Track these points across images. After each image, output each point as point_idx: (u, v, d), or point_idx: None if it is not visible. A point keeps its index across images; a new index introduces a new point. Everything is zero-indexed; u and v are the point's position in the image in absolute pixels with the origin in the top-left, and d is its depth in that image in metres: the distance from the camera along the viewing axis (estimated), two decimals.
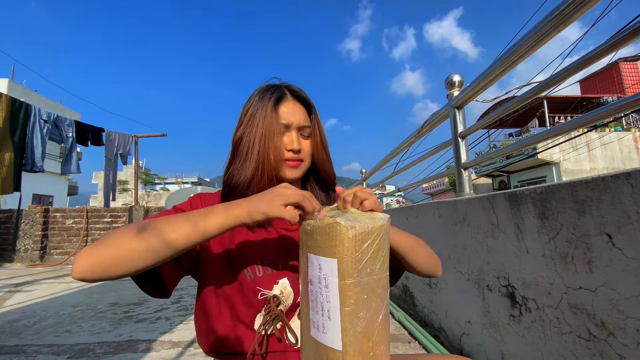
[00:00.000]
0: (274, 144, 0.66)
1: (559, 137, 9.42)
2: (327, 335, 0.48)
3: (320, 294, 0.49)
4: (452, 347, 1.63)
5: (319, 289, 0.49)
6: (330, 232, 0.47)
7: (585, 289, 0.87)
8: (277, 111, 0.67)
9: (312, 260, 0.50)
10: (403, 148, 3.11)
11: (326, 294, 0.48)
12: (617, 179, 0.78)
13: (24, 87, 16.00)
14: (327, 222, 0.48)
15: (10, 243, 5.52)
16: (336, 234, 0.47)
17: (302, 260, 0.54)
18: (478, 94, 1.74)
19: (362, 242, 0.47)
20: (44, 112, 4.59)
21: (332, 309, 0.47)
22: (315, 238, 0.50)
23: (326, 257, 0.48)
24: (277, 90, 0.70)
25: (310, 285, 0.50)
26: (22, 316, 2.46)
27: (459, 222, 1.59)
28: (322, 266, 0.48)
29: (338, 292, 0.47)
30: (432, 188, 24.63)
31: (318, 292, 0.49)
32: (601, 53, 0.97)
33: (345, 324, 0.46)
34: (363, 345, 0.47)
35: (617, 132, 13.04)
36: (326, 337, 0.48)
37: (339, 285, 0.46)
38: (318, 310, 0.49)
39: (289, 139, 0.68)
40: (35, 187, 15.50)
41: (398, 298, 2.63)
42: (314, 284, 0.50)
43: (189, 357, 1.70)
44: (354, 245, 0.47)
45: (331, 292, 0.47)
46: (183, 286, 3.47)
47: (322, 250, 0.48)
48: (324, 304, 0.48)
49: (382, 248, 0.49)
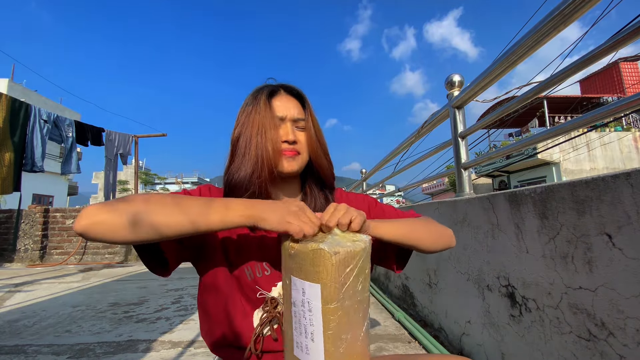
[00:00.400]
0: (270, 136, 0.66)
1: (559, 137, 9.42)
2: (310, 356, 0.48)
3: (303, 317, 0.49)
4: (452, 347, 1.63)
5: (303, 311, 0.49)
6: (314, 257, 0.48)
7: (585, 289, 0.87)
8: (271, 105, 0.68)
9: (295, 283, 0.50)
10: (403, 148, 3.11)
11: (309, 317, 0.48)
12: (617, 179, 0.78)
13: (24, 87, 15.99)
14: (312, 248, 0.48)
15: (10, 243, 5.52)
16: (320, 260, 0.47)
17: (285, 280, 0.54)
18: (478, 94, 1.74)
19: (345, 266, 0.48)
20: (44, 112, 4.59)
21: (316, 332, 0.48)
22: (299, 262, 0.50)
23: (310, 281, 0.48)
24: (270, 87, 0.71)
25: (293, 307, 0.51)
26: (22, 316, 2.46)
27: (459, 222, 1.59)
28: (305, 290, 0.49)
29: (321, 317, 0.47)
30: (432, 188, 24.64)
31: (302, 314, 0.50)
32: (601, 53, 0.97)
33: (328, 346, 0.47)
34: None
35: (617, 132, 13.03)
36: (309, 358, 0.48)
37: (322, 309, 0.47)
38: (302, 332, 0.50)
39: (283, 131, 0.68)
40: (35, 187, 15.49)
41: (398, 298, 2.63)
42: (297, 306, 0.50)
43: (189, 357, 1.70)
44: (337, 270, 0.47)
45: (314, 316, 0.48)
46: (183, 286, 3.47)
47: (306, 275, 0.49)
48: (307, 326, 0.49)
49: (363, 270, 0.50)
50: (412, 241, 0.67)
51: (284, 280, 0.55)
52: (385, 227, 0.63)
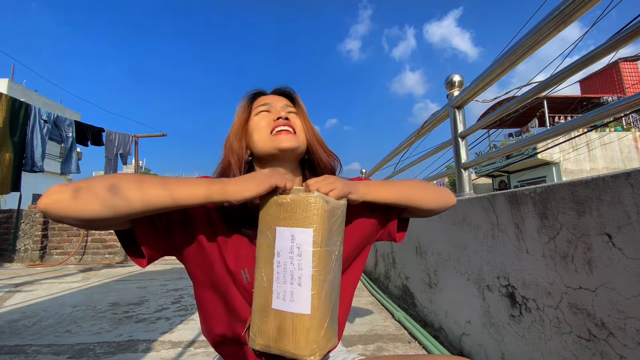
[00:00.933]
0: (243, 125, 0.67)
1: (559, 137, 9.42)
2: (294, 302, 0.51)
3: (291, 263, 0.52)
4: (452, 347, 1.63)
5: (290, 258, 0.52)
6: (308, 204, 0.52)
7: (585, 289, 0.87)
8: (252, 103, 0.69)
9: (282, 233, 0.53)
10: (403, 148, 3.11)
11: (298, 262, 0.52)
12: (617, 179, 0.78)
13: (24, 87, 16.00)
14: (306, 196, 0.53)
15: (10, 243, 5.52)
16: (315, 206, 0.52)
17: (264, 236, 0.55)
18: (478, 94, 1.74)
19: (332, 215, 0.54)
20: (44, 112, 4.59)
21: (304, 276, 0.51)
22: (290, 211, 0.53)
23: (301, 227, 0.52)
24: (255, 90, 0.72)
25: (277, 258, 0.53)
26: (22, 316, 2.46)
27: (459, 222, 1.59)
28: (295, 236, 0.52)
29: (311, 259, 0.51)
30: None
31: (288, 261, 0.52)
32: (601, 53, 0.97)
33: (314, 289, 0.51)
34: (326, 308, 0.53)
35: (617, 132, 13.03)
36: (293, 305, 0.51)
37: (312, 252, 0.51)
38: (287, 280, 0.52)
39: (274, 113, 0.67)
40: (35, 187, 15.49)
41: (398, 298, 2.63)
42: (282, 255, 0.53)
43: (189, 357, 1.70)
44: (328, 217, 0.52)
45: (304, 260, 0.51)
46: (183, 286, 3.47)
47: (297, 222, 0.52)
48: (294, 272, 0.52)
49: (342, 224, 0.57)
50: (408, 200, 0.66)
51: (260, 238, 0.56)
52: (378, 190, 0.64)
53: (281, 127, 0.65)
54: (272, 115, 0.67)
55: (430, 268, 1.98)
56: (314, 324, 0.51)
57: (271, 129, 0.66)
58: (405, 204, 0.67)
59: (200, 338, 1.94)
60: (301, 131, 0.68)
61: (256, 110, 0.68)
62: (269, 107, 0.68)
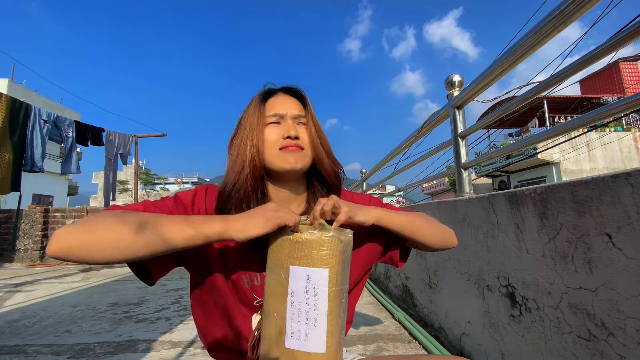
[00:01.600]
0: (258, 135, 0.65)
1: (559, 137, 9.42)
2: (309, 342, 0.51)
3: (306, 303, 0.52)
4: (452, 347, 1.63)
5: (306, 298, 0.52)
6: (323, 243, 0.52)
7: (585, 289, 0.87)
8: (265, 105, 0.68)
9: (297, 272, 0.52)
10: (403, 148, 3.11)
11: (314, 302, 0.51)
12: (617, 179, 0.78)
13: (24, 87, 15.98)
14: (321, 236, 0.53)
15: (10, 243, 5.52)
16: (329, 246, 0.52)
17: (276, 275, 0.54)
18: (478, 94, 1.74)
19: (345, 252, 0.54)
20: (44, 112, 4.59)
21: (320, 316, 0.51)
22: (305, 250, 0.53)
23: (316, 267, 0.52)
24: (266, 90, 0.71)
25: (290, 297, 0.53)
26: (22, 316, 2.46)
27: (459, 222, 1.59)
28: (310, 276, 0.52)
29: (327, 299, 0.51)
30: (432, 188, 24.63)
31: (303, 301, 0.52)
32: (601, 53, 0.97)
33: (330, 328, 0.51)
34: (339, 343, 0.53)
35: (617, 132, 13.03)
36: (308, 345, 0.51)
37: (328, 292, 0.51)
38: (301, 320, 0.52)
39: (285, 127, 0.66)
40: (35, 187, 15.49)
41: (398, 298, 2.63)
42: (296, 295, 0.52)
43: (189, 357, 1.70)
44: (342, 255, 0.53)
45: (319, 300, 0.51)
46: (183, 286, 3.47)
47: (313, 262, 0.52)
48: (309, 312, 0.51)
49: (350, 258, 0.57)
50: (413, 232, 0.68)
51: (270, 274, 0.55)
52: (388, 216, 0.65)
53: (290, 145, 0.65)
54: (282, 130, 0.66)
55: (430, 268, 1.98)
56: None
57: (280, 147, 0.65)
58: (410, 235, 0.68)
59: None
60: (308, 147, 0.68)
61: (268, 120, 0.67)
62: (279, 119, 0.67)
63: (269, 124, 0.67)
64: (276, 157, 0.65)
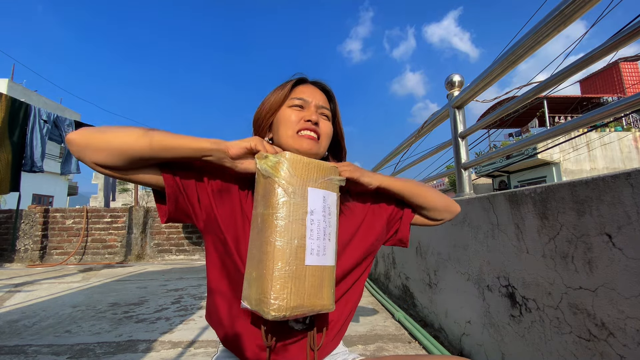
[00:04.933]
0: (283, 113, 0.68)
1: (559, 137, 9.42)
2: (326, 256, 0.58)
3: (323, 221, 0.58)
4: (452, 347, 1.63)
5: (323, 216, 0.58)
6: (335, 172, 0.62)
7: (585, 289, 0.87)
8: (294, 90, 0.70)
9: (316, 193, 0.59)
10: (403, 148, 3.11)
11: (329, 220, 0.59)
12: (617, 179, 0.78)
13: (24, 87, 15.98)
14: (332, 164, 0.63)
15: (10, 243, 5.52)
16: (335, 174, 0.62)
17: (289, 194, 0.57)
18: (478, 94, 1.74)
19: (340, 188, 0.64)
20: (43, 112, 4.59)
21: (332, 232, 0.59)
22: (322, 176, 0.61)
23: (330, 191, 0.61)
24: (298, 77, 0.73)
25: (310, 216, 0.57)
26: (22, 316, 2.46)
27: (459, 222, 1.59)
28: (326, 198, 0.60)
29: (336, 217, 0.61)
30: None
31: (321, 219, 0.58)
32: (601, 53, 0.97)
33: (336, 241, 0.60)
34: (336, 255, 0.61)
35: (617, 132, 13.03)
36: (325, 258, 0.58)
37: (336, 212, 0.61)
38: (320, 236, 0.58)
39: (307, 112, 0.68)
40: (35, 187, 15.49)
41: (398, 298, 2.63)
42: (315, 213, 0.58)
43: (189, 357, 1.70)
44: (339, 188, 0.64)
45: (332, 218, 0.60)
46: (183, 286, 3.47)
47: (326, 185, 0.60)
48: (326, 229, 0.58)
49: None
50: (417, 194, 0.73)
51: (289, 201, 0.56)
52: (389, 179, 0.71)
53: (307, 131, 0.67)
54: (304, 114, 0.67)
55: (430, 268, 1.98)
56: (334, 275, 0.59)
57: (298, 129, 0.67)
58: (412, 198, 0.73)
59: (200, 338, 1.94)
60: (324, 138, 0.70)
61: (292, 101, 0.68)
62: (304, 103, 0.68)
63: (292, 106, 0.69)
64: (290, 138, 0.67)
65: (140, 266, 5.22)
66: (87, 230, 5.87)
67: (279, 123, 0.68)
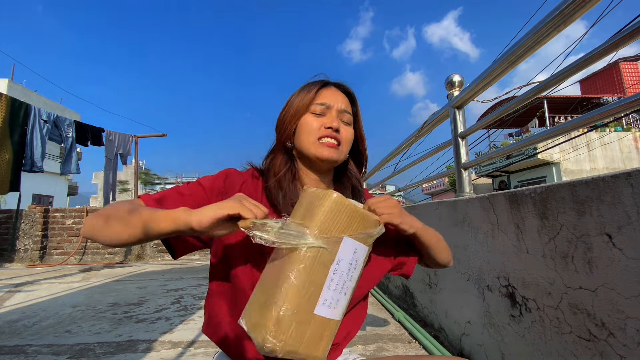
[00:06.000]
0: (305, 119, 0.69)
1: (559, 137, 9.42)
2: (336, 309, 0.54)
3: (347, 273, 0.55)
4: (452, 348, 1.63)
5: (348, 268, 0.55)
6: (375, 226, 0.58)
7: (585, 289, 0.87)
8: (317, 94, 0.70)
9: (349, 244, 0.55)
10: (403, 148, 3.11)
11: (352, 274, 0.56)
12: (617, 179, 0.78)
13: (24, 87, 15.98)
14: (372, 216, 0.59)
15: (10, 243, 5.52)
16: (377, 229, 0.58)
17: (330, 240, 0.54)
18: (478, 94, 1.74)
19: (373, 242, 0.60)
20: (43, 112, 4.59)
21: (350, 287, 0.56)
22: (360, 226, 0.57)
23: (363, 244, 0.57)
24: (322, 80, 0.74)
25: (335, 265, 0.54)
26: (22, 316, 2.46)
27: (459, 222, 1.59)
28: (357, 250, 0.56)
29: (359, 273, 0.57)
30: (432, 188, 24.63)
31: (345, 271, 0.55)
32: (601, 53, 0.97)
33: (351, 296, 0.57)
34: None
35: (617, 132, 13.03)
36: (334, 312, 0.54)
37: (361, 268, 0.57)
38: (337, 288, 0.54)
39: (329, 118, 0.69)
40: (35, 187, 15.49)
41: (398, 298, 2.63)
42: (342, 263, 0.55)
43: (189, 357, 1.70)
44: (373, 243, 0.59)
45: (355, 272, 0.56)
46: (183, 286, 3.47)
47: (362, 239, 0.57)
48: (346, 282, 0.55)
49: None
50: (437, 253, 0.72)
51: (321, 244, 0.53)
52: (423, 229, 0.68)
53: (328, 138, 0.68)
54: (325, 121, 0.68)
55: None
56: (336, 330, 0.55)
57: (319, 136, 0.68)
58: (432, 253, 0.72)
59: (200, 338, 1.94)
60: (345, 144, 0.70)
61: (314, 107, 0.69)
62: (325, 110, 0.69)
63: (314, 112, 0.69)
64: (311, 145, 0.68)
65: (140, 266, 5.22)
66: None
67: (301, 129, 0.69)
